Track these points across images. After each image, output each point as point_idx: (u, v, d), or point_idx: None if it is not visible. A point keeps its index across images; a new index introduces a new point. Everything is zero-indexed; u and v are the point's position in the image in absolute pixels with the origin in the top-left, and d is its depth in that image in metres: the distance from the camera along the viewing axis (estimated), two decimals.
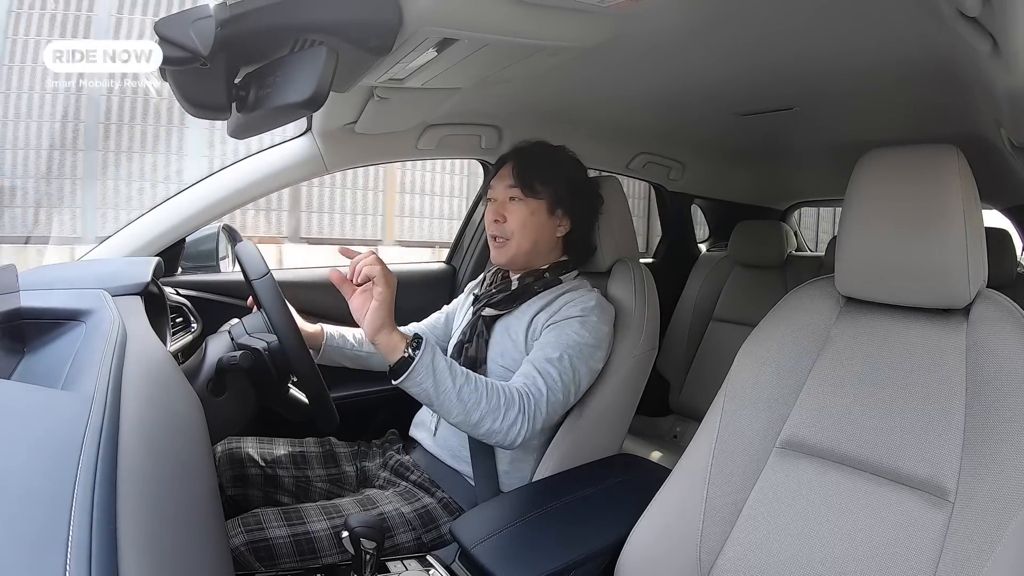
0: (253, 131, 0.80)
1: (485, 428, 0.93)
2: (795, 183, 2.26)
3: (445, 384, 0.90)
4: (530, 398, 0.96)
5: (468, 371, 0.94)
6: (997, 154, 1.27)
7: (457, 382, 0.91)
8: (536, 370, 1.00)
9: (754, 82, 1.19)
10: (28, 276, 0.80)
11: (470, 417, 0.92)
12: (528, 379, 0.99)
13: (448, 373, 0.91)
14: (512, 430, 0.93)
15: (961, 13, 0.64)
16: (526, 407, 0.95)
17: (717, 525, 0.81)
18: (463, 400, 0.91)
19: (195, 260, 1.42)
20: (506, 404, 0.93)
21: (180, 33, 0.62)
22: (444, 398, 0.91)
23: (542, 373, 0.99)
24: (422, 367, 0.89)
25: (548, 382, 0.99)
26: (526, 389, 0.96)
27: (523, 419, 0.94)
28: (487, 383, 0.94)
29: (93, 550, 0.32)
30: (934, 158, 0.75)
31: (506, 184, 1.13)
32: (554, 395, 0.99)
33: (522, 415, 0.94)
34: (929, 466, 0.70)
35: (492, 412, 0.92)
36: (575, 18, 0.82)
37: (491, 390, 0.93)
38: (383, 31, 0.75)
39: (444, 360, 0.92)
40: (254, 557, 0.91)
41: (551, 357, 1.01)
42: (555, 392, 0.99)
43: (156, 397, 0.57)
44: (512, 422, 0.93)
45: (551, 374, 0.99)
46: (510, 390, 0.95)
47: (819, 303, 0.86)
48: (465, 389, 0.91)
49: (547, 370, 1.00)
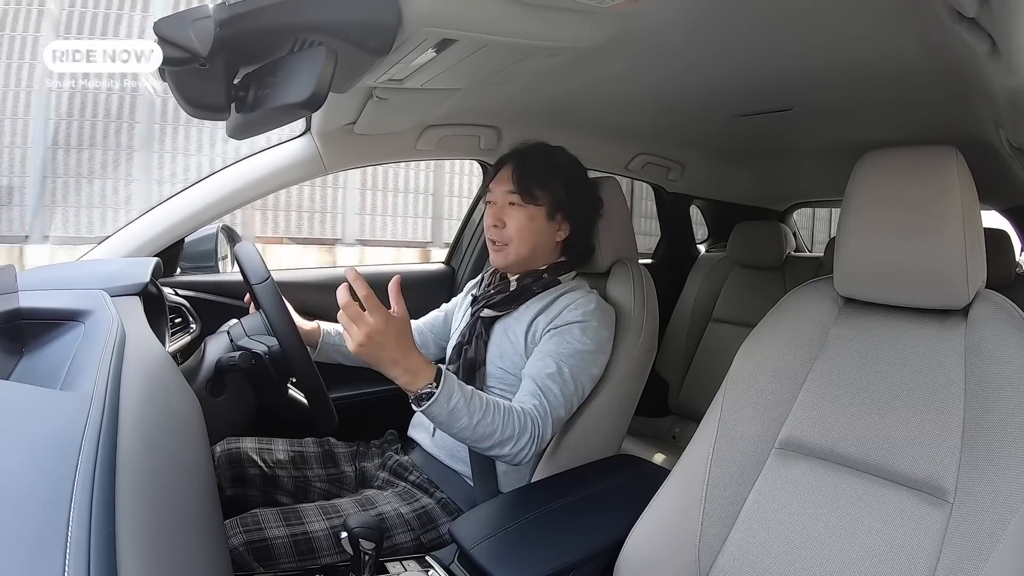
0: (252, 131, 0.80)
1: (494, 452, 0.94)
2: (794, 184, 2.26)
3: (461, 421, 0.89)
4: (538, 421, 0.96)
5: (486, 399, 0.92)
6: (996, 155, 1.28)
7: (475, 417, 0.89)
8: (539, 387, 1.00)
9: (753, 83, 1.19)
10: (27, 276, 0.80)
11: (481, 444, 0.92)
12: (535, 398, 0.99)
13: (466, 410, 0.88)
14: (520, 454, 0.94)
15: (959, 14, 0.64)
16: (535, 431, 0.95)
17: (716, 526, 0.81)
18: (478, 432, 0.90)
19: (194, 260, 1.42)
20: (519, 432, 0.93)
21: (179, 33, 0.62)
22: (459, 432, 0.90)
23: (544, 391, 1.00)
24: (438, 406, 0.87)
25: (551, 399, 0.99)
26: (535, 412, 0.97)
27: (531, 443, 0.95)
28: (504, 412, 0.93)
29: (92, 550, 0.32)
30: (933, 159, 0.75)
31: (505, 189, 1.12)
32: (557, 412, 1.00)
33: (531, 440, 0.95)
34: (928, 466, 0.70)
35: (506, 441, 0.93)
36: (575, 18, 0.82)
37: (507, 420, 0.92)
38: (382, 31, 0.75)
39: (462, 396, 0.88)
40: (253, 557, 0.91)
41: (552, 372, 1.01)
42: (558, 409, 1.00)
43: (155, 397, 0.57)
44: (522, 447, 0.94)
45: (553, 390, 1.00)
46: (523, 417, 0.95)
47: (818, 304, 0.86)
48: (481, 424, 0.90)
49: (549, 387, 1.00)
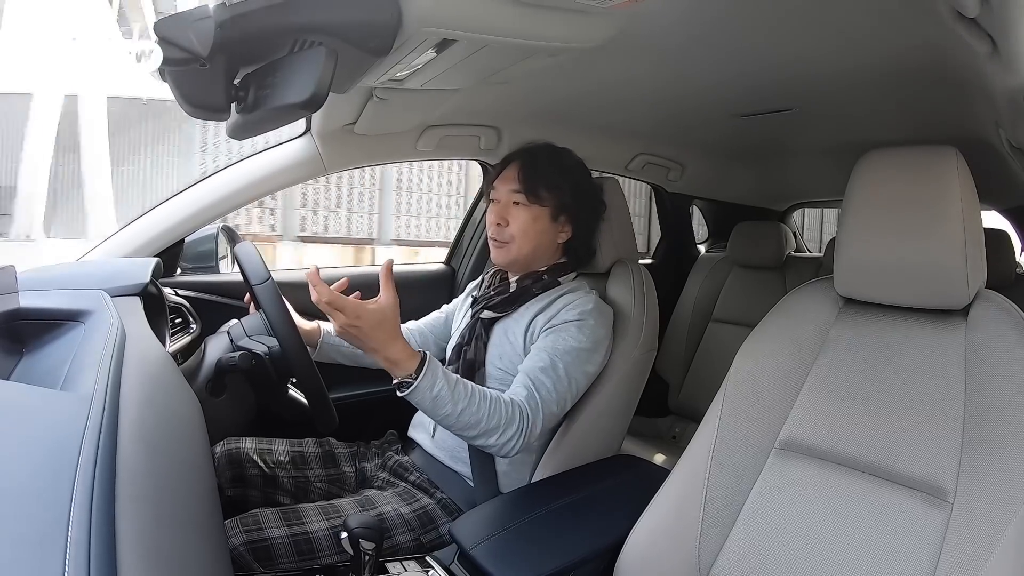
0: (252, 132, 0.80)
1: (480, 442, 0.95)
2: (794, 184, 2.26)
3: (444, 409, 0.91)
4: (527, 413, 0.97)
5: (473, 388, 0.94)
6: (996, 155, 1.28)
7: (459, 405, 0.91)
8: (531, 380, 1.00)
9: (753, 83, 1.19)
10: (27, 276, 0.80)
11: (466, 432, 0.94)
12: (526, 391, 0.99)
13: (449, 397, 0.91)
14: (508, 444, 0.95)
15: (960, 14, 0.64)
16: (523, 423, 0.96)
17: (716, 526, 0.81)
18: (462, 420, 0.92)
19: (194, 261, 1.42)
20: (506, 422, 0.94)
21: (179, 33, 0.62)
22: (443, 420, 0.93)
23: (536, 384, 1.00)
24: (419, 393, 0.90)
25: (543, 393, 0.99)
26: (525, 404, 0.97)
27: (519, 435, 0.96)
28: (491, 402, 0.94)
29: (92, 550, 0.32)
30: (933, 159, 0.75)
31: (510, 188, 1.12)
32: (548, 407, 1.00)
33: (519, 431, 0.95)
34: (928, 466, 0.70)
35: (492, 431, 0.94)
36: (575, 18, 0.82)
37: (493, 410, 0.93)
38: (382, 32, 0.75)
39: (446, 384, 0.91)
40: (253, 557, 0.91)
41: (544, 366, 1.01)
42: (549, 404, 1.00)
43: (155, 398, 0.57)
44: (509, 438, 0.95)
45: (545, 384, 1.00)
46: (511, 408, 0.96)
47: (818, 304, 0.86)
48: (466, 413, 0.92)
49: (541, 380, 1.00)
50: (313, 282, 0.87)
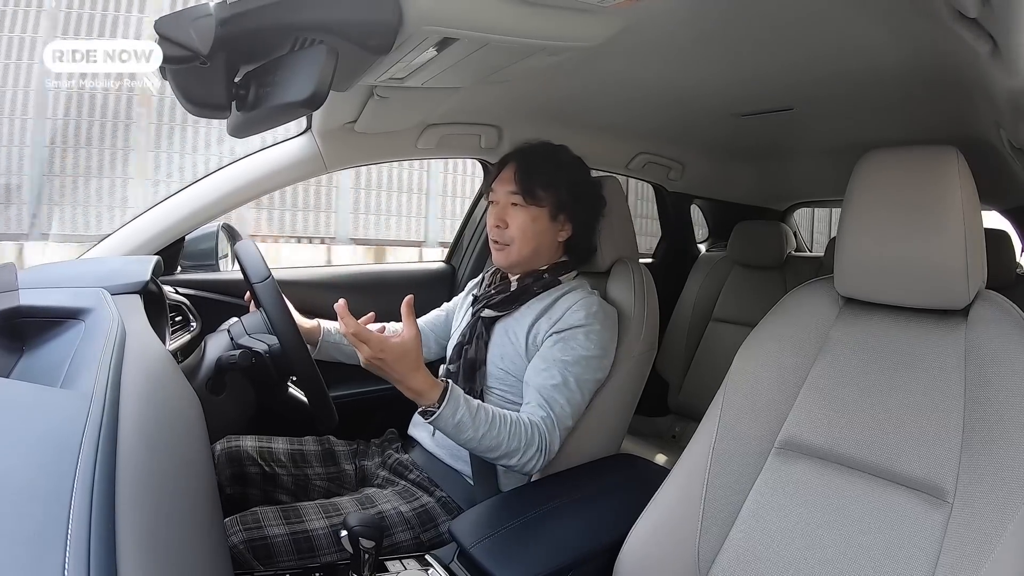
0: (253, 130, 0.80)
1: (503, 462, 0.98)
2: (794, 184, 2.26)
3: (466, 434, 0.93)
4: (545, 434, 0.98)
5: (494, 413, 0.95)
6: (997, 155, 1.28)
7: (480, 430, 0.93)
8: (545, 400, 1.01)
9: (754, 82, 1.19)
10: (27, 274, 0.80)
11: (488, 454, 0.96)
12: (542, 411, 1.00)
13: (471, 423, 0.92)
14: (529, 464, 0.97)
15: (960, 14, 0.64)
16: (542, 443, 0.98)
17: (715, 525, 0.81)
18: (484, 444, 0.94)
19: (194, 259, 1.42)
20: (526, 444, 0.96)
21: (180, 32, 0.62)
22: (465, 443, 0.95)
23: (550, 403, 1.01)
24: (441, 421, 0.91)
25: (557, 411, 1.01)
26: (543, 425, 0.99)
27: (539, 454, 0.98)
28: (511, 425, 0.95)
29: (92, 548, 0.32)
30: (934, 159, 0.75)
31: (508, 189, 1.12)
32: (563, 423, 1.02)
33: (539, 452, 0.97)
34: (927, 467, 0.70)
35: (513, 452, 0.96)
36: (575, 18, 0.82)
37: (513, 433, 0.95)
38: (383, 30, 0.75)
39: (467, 411, 0.92)
40: (253, 555, 0.91)
41: (557, 383, 1.02)
42: (564, 420, 1.02)
43: (155, 396, 0.57)
44: (530, 458, 0.97)
45: (559, 402, 1.02)
46: (531, 430, 0.97)
47: (818, 304, 0.86)
48: (487, 437, 0.93)
49: (555, 399, 1.02)
50: (341, 314, 0.89)
